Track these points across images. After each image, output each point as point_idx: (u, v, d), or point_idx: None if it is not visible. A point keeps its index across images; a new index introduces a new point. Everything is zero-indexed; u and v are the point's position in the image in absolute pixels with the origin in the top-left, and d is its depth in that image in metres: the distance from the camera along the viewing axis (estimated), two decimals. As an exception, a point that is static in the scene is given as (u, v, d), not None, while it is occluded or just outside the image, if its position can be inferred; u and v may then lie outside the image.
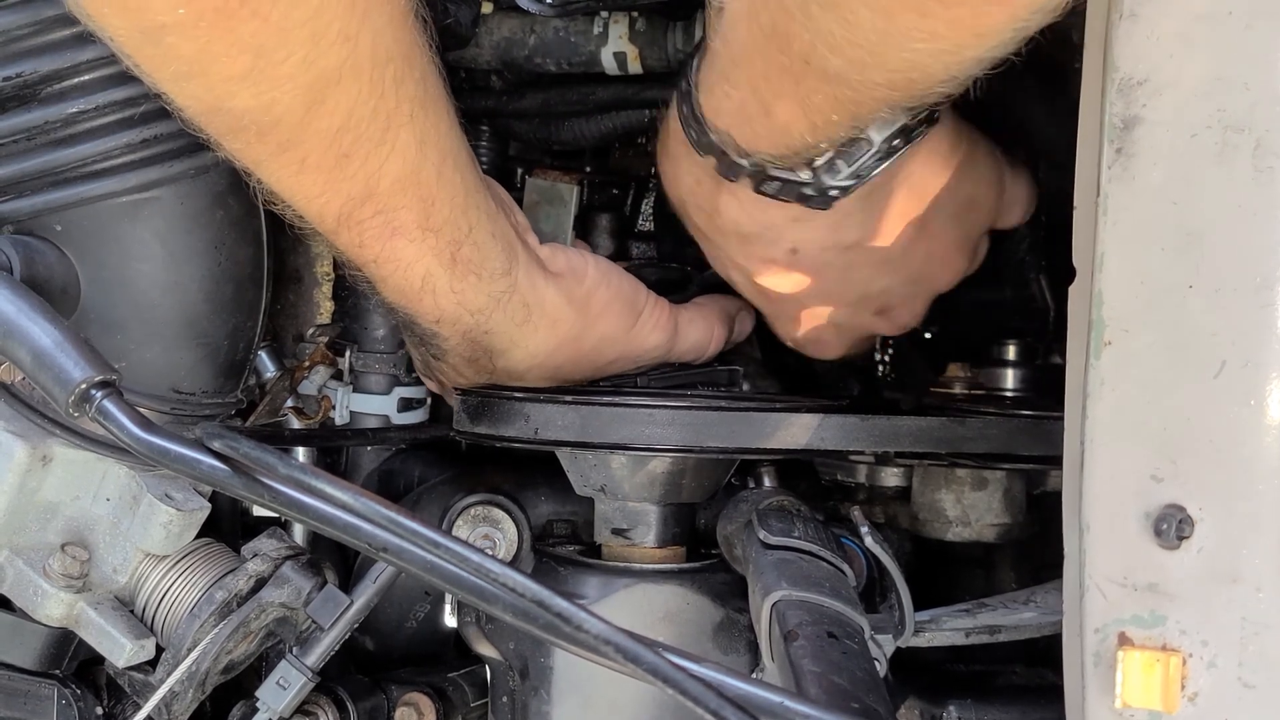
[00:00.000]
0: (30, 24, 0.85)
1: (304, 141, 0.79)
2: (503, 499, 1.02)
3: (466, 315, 0.94)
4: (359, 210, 0.84)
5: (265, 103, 0.76)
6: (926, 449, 0.92)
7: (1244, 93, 0.64)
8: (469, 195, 0.90)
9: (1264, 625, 0.63)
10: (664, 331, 1.05)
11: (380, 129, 0.81)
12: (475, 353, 0.98)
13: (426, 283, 0.90)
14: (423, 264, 0.89)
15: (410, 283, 0.90)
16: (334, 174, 0.82)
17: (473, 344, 0.96)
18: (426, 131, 0.84)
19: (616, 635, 0.63)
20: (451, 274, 0.91)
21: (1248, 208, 0.63)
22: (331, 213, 0.84)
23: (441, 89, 0.86)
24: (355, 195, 0.83)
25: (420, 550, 0.67)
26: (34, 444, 0.89)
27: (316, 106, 0.77)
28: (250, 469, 0.71)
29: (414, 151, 0.83)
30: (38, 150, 0.88)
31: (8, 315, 0.77)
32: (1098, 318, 0.67)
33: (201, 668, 0.92)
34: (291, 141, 0.79)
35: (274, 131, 0.78)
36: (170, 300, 0.92)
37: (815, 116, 0.80)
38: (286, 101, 0.76)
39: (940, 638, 0.90)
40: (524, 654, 0.96)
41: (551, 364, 1.00)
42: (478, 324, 0.95)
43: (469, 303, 0.93)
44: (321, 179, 0.82)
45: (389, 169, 0.83)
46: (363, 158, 0.81)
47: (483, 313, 0.94)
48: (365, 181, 0.83)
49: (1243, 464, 0.64)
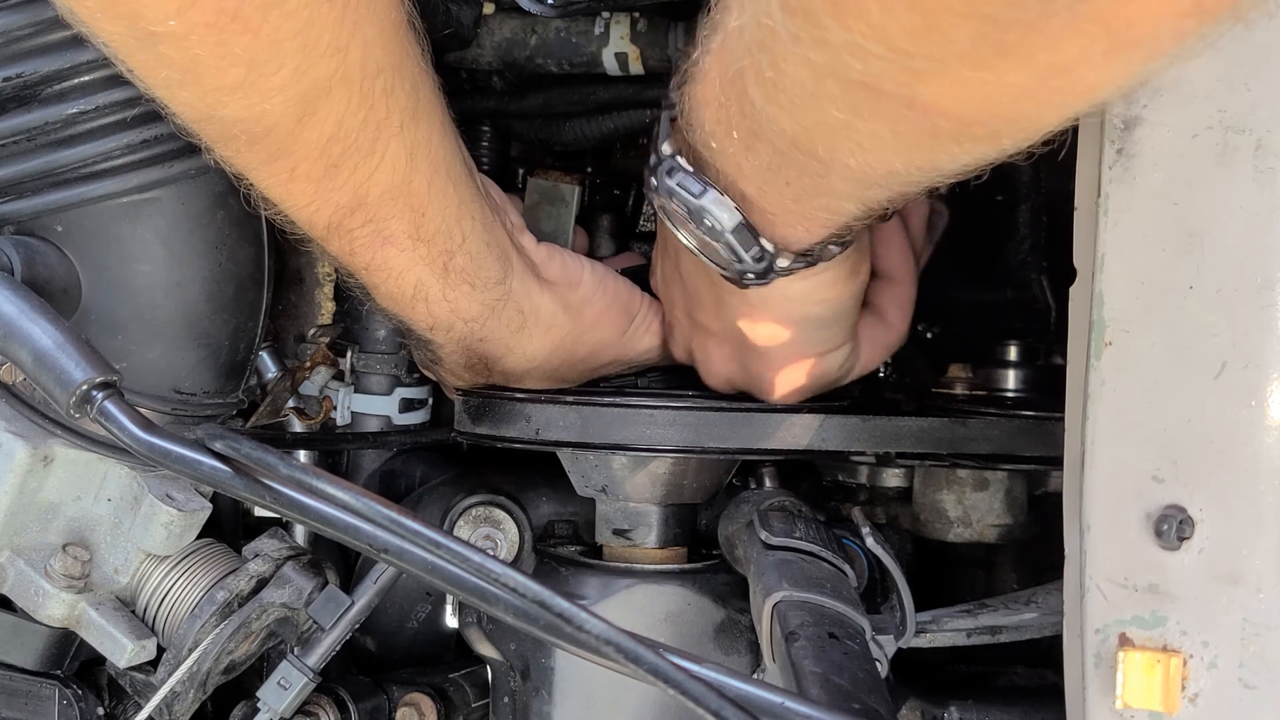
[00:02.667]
0: (30, 25, 0.85)
1: (294, 151, 0.79)
2: (504, 499, 1.02)
3: (460, 323, 0.93)
4: (349, 219, 0.84)
5: (256, 113, 0.76)
6: (928, 449, 0.92)
7: (1244, 93, 0.63)
8: (462, 205, 0.89)
9: (1264, 626, 0.63)
10: (658, 335, 1.05)
11: (370, 139, 0.81)
12: (471, 358, 0.98)
13: (419, 291, 0.90)
14: (414, 273, 0.89)
15: (402, 291, 0.90)
16: (323, 183, 0.81)
17: (467, 350, 0.96)
18: (417, 142, 0.84)
19: (617, 636, 0.63)
20: (444, 283, 0.90)
21: (1248, 208, 0.63)
22: (321, 221, 0.84)
23: (435, 98, 0.86)
24: (344, 205, 0.83)
25: (421, 551, 0.67)
26: (35, 444, 0.89)
27: (307, 118, 0.77)
28: (251, 470, 0.71)
29: (404, 162, 0.83)
30: (38, 151, 0.88)
31: (9, 316, 0.77)
32: (1098, 318, 0.67)
33: (203, 668, 0.92)
34: (281, 151, 0.79)
35: (264, 141, 0.78)
36: (171, 301, 0.92)
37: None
38: (277, 113, 0.76)
39: (941, 638, 0.90)
40: (525, 655, 0.96)
41: (548, 367, 1.00)
42: (472, 331, 0.94)
43: (463, 311, 0.93)
44: (311, 188, 0.82)
45: (378, 179, 0.83)
46: (352, 168, 0.81)
47: (477, 320, 0.94)
48: (354, 191, 0.83)
49: (1243, 464, 0.63)
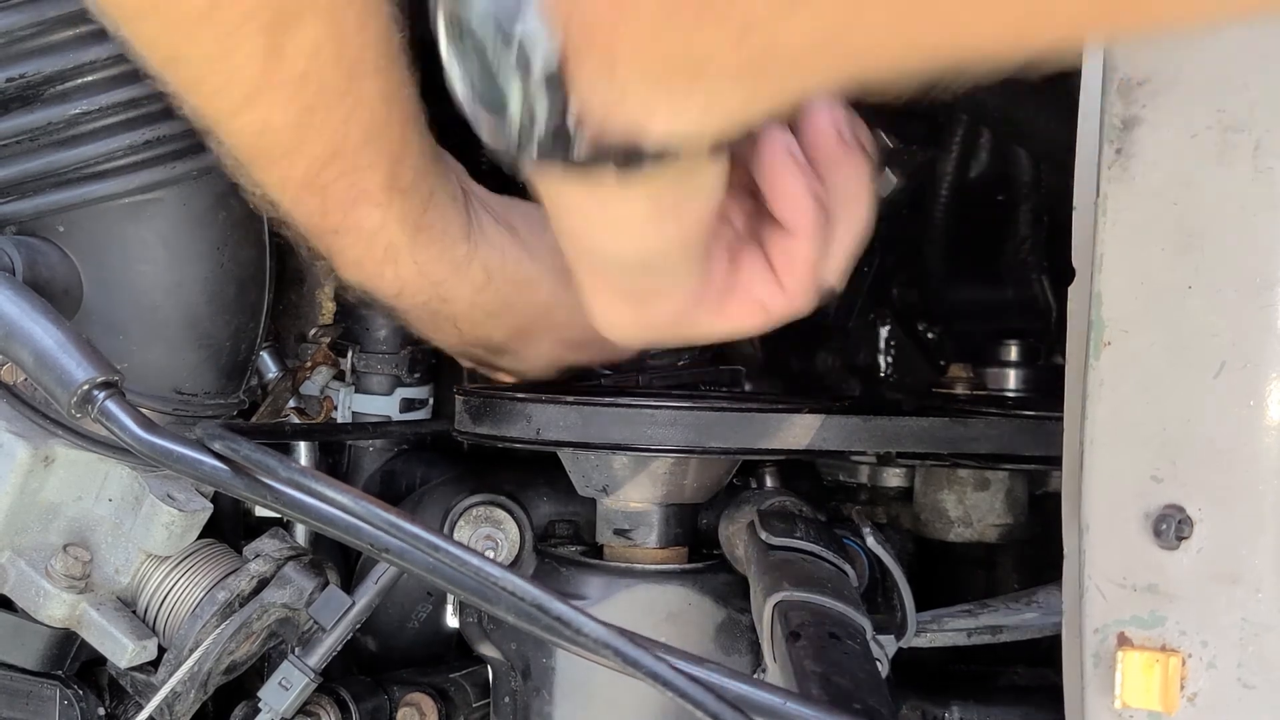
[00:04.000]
0: (33, 25, 0.84)
1: (265, 94, 0.76)
2: (504, 499, 1.02)
3: (428, 285, 0.90)
4: (325, 172, 0.81)
5: (224, 48, 0.73)
6: (928, 449, 0.92)
7: (1244, 93, 0.63)
8: (431, 158, 0.86)
9: (1264, 626, 0.63)
10: None
11: (345, 78, 0.77)
12: (436, 321, 0.95)
13: (388, 253, 0.87)
14: (386, 233, 0.85)
15: (371, 254, 0.86)
16: (298, 131, 0.78)
17: (433, 314, 0.93)
18: (391, 86, 0.80)
19: (615, 638, 0.63)
20: (414, 243, 0.87)
21: (1248, 208, 0.63)
22: (295, 178, 0.81)
23: (402, 45, 0.81)
24: (320, 155, 0.80)
25: (421, 552, 0.68)
26: (36, 445, 0.89)
27: (277, 51, 0.74)
28: (251, 470, 0.71)
29: (381, 106, 0.80)
30: (40, 151, 0.88)
31: (10, 316, 0.77)
32: (1097, 318, 0.67)
33: (204, 668, 0.92)
34: (255, 93, 0.75)
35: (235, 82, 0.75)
36: (172, 301, 0.93)
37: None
38: (247, 47, 0.73)
39: (942, 638, 0.90)
40: (526, 655, 0.96)
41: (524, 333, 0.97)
42: (437, 293, 0.91)
43: (430, 273, 0.89)
44: (285, 138, 0.78)
45: (357, 121, 0.79)
46: (327, 108, 0.78)
47: (442, 282, 0.91)
48: (331, 136, 0.79)
49: (1242, 464, 0.63)
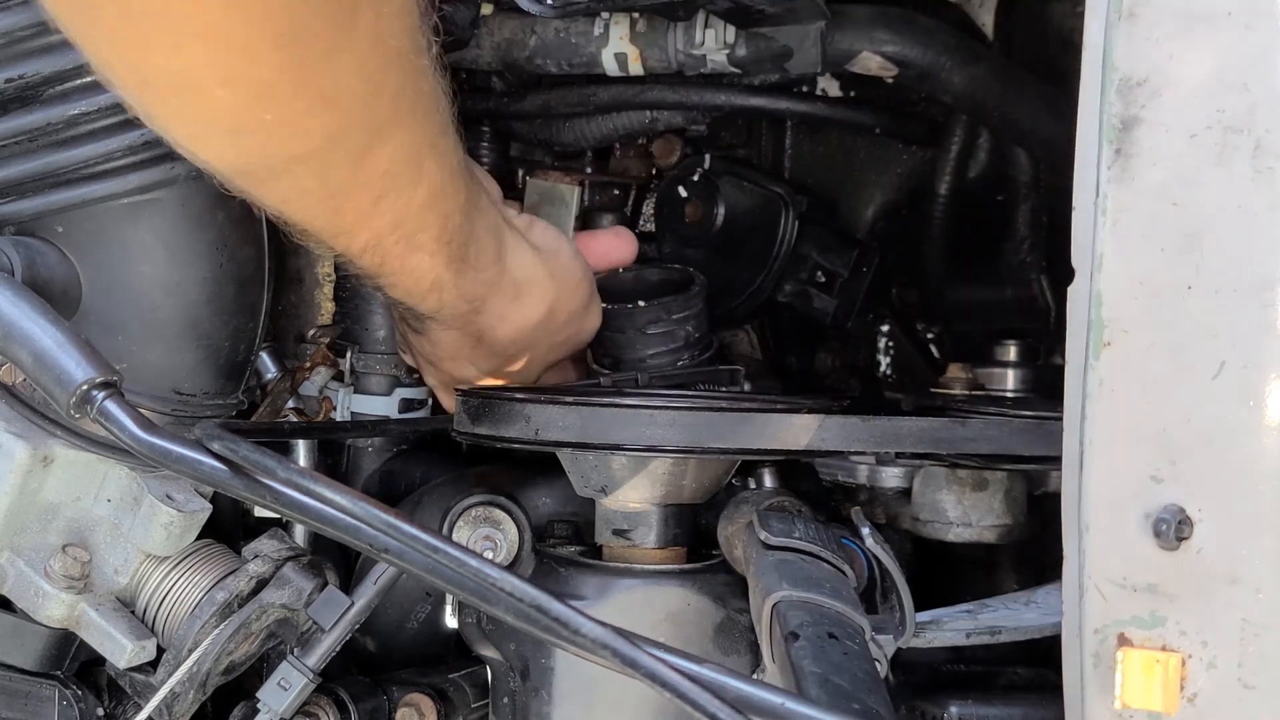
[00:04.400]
0: (32, 25, 0.84)
1: (348, 192, 0.81)
2: (503, 500, 1.02)
3: (464, 304, 0.97)
4: (386, 239, 0.86)
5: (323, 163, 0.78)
6: (928, 450, 0.92)
7: (1243, 93, 0.63)
8: (470, 197, 0.91)
9: (1264, 626, 0.63)
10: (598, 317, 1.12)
11: (414, 167, 0.82)
12: (465, 334, 1.01)
13: (434, 285, 0.93)
14: (434, 272, 0.92)
15: (420, 287, 0.93)
16: (367, 218, 0.83)
17: (465, 323, 1.00)
18: (444, 151, 0.85)
19: (614, 638, 0.63)
20: (458, 275, 0.94)
21: (1247, 208, 0.63)
22: (358, 245, 0.86)
23: (453, 109, 0.86)
24: (383, 228, 0.85)
25: (419, 552, 0.68)
26: (35, 445, 0.89)
27: (360, 164, 0.78)
28: (250, 470, 0.71)
29: (439, 175, 0.85)
30: (39, 152, 0.88)
31: (9, 316, 0.77)
32: (1097, 318, 0.67)
33: (202, 669, 0.92)
34: (336, 194, 0.81)
35: (322, 186, 0.80)
36: (171, 301, 0.92)
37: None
38: (340, 153, 0.77)
39: (941, 638, 0.90)
40: (525, 655, 0.96)
41: (532, 338, 1.04)
42: (473, 309, 0.98)
43: (468, 294, 0.96)
44: (351, 220, 0.83)
45: (418, 196, 0.84)
46: (396, 193, 0.83)
47: (479, 299, 0.98)
48: (395, 215, 0.84)
49: (1242, 464, 0.63)
